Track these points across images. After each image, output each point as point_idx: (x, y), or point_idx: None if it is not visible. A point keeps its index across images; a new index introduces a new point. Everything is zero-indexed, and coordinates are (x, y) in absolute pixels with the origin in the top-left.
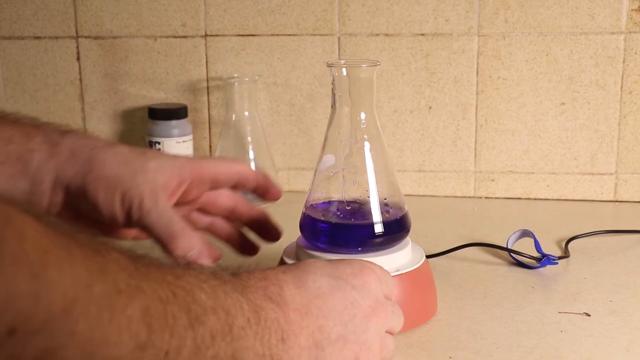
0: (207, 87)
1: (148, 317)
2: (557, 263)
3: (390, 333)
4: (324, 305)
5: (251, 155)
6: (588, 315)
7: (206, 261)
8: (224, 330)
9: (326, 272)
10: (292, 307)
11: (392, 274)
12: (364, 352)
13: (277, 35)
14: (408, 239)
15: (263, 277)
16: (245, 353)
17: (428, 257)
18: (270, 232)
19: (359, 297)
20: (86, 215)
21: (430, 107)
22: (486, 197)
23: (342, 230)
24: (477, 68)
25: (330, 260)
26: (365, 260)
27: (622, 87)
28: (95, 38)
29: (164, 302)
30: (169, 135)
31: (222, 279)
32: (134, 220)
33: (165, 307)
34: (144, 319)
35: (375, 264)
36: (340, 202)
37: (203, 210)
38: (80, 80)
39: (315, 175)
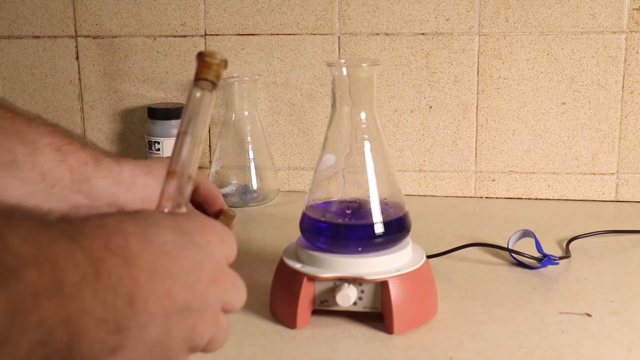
0: None
1: None
2: (558, 263)
3: (228, 310)
4: (171, 265)
5: (251, 155)
6: (589, 315)
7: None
8: (50, 287)
9: (169, 225)
10: (140, 264)
11: (393, 274)
12: (201, 322)
13: (277, 34)
14: (408, 239)
15: (101, 225)
16: (82, 318)
17: (428, 257)
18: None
19: (204, 258)
20: None
21: (430, 107)
22: (487, 197)
23: (342, 231)
24: (478, 67)
25: (169, 212)
26: (205, 216)
27: (623, 86)
28: (95, 37)
29: None
30: (169, 135)
31: (46, 221)
32: None
33: None
34: None
35: (216, 222)
36: (340, 202)
37: None
38: (80, 79)
39: (315, 175)
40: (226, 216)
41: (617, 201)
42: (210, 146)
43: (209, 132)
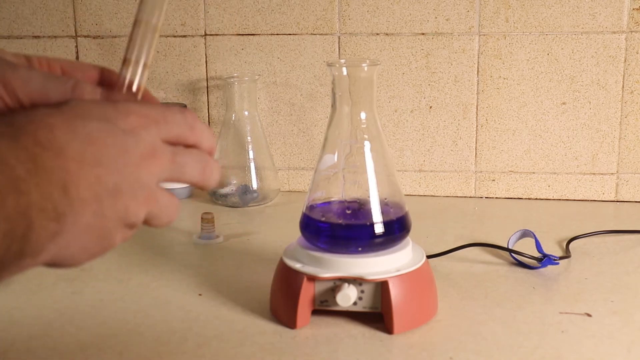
0: (207, 87)
1: None
2: (558, 263)
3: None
4: (98, 152)
5: (251, 155)
6: (589, 315)
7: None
8: (8, 185)
9: (94, 115)
10: (69, 154)
11: (393, 274)
12: (133, 202)
13: (277, 34)
14: (408, 239)
15: (29, 120)
16: (31, 210)
17: (428, 257)
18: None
19: (130, 142)
20: None
21: (430, 107)
22: (487, 197)
23: (342, 231)
24: (478, 67)
25: (95, 101)
26: (133, 102)
27: (623, 86)
28: (95, 37)
29: None
30: None
31: None
32: None
33: None
34: None
35: (148, 107)
36: (341, 202)
37: None
38: None
39: (315, 175)
40: None
41: (617, 201)
42: None
43: None
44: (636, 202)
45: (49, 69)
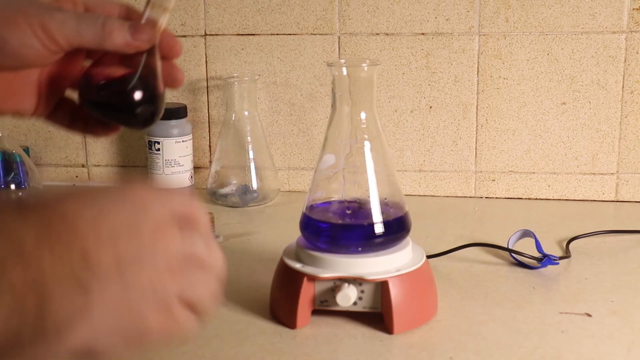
0: (207, 87)
1: None
2: (558, 263)
3: (200, 260)
4: (111, 221)
5: (251, 155)
6: (589, 315)
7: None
8: (13, 252)
9: (99, 192)
10: (83, 222)
11: (393, 274)
12: (156, 275)
13: (277, 34)
14: (408, 239)
15: (40, 201)
16: (45, 279)
17: (428, 257)
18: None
19: (140, 216)
20: None
21: (430, 107)
22: (487, 197)
23: (342, 231)
24: (478, 67)
25: (98, 187)
26: (138, 184)
27: (623, 86)
28: None
29: None
30: (169, 135)
31: None
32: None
33: None
34: None
35: (152, 189)
36: (341, 202)
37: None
38: None
39: (315, 175)
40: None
41: (617, 201)
42: (210, 146)
43: (209, 132)
44: (636, 202)
45: (74, 8)
